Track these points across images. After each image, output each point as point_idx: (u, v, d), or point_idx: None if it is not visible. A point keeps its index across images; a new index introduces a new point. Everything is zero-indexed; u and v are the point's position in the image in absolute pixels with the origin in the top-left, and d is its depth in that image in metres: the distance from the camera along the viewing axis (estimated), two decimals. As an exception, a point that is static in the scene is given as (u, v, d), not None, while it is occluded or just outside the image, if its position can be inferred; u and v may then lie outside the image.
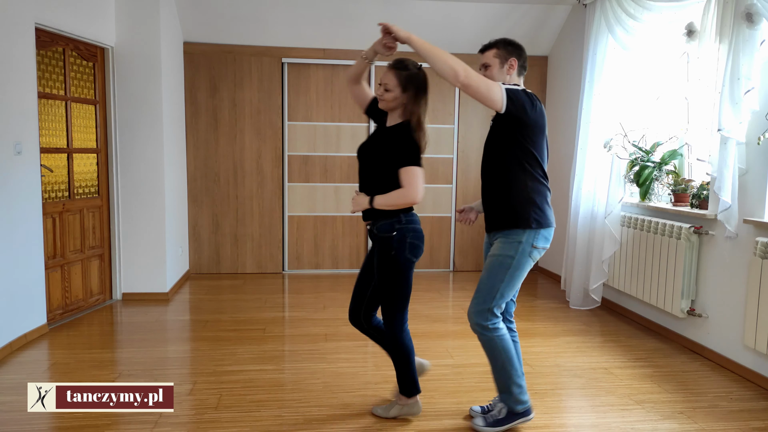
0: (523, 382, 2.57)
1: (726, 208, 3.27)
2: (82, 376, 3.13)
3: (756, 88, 3.09)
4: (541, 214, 2.46)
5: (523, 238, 2.45)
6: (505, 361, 2.51)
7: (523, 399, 2.55)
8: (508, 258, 2.47)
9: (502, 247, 2.49)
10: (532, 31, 5.57)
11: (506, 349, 2.50)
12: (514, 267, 2.47)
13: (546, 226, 2.48)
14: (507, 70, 2.53)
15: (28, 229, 3.69)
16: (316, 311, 4.46)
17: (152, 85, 4.60)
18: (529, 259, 2.49)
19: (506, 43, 2.54)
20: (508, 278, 2.48)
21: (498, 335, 2.49)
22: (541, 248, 2.50)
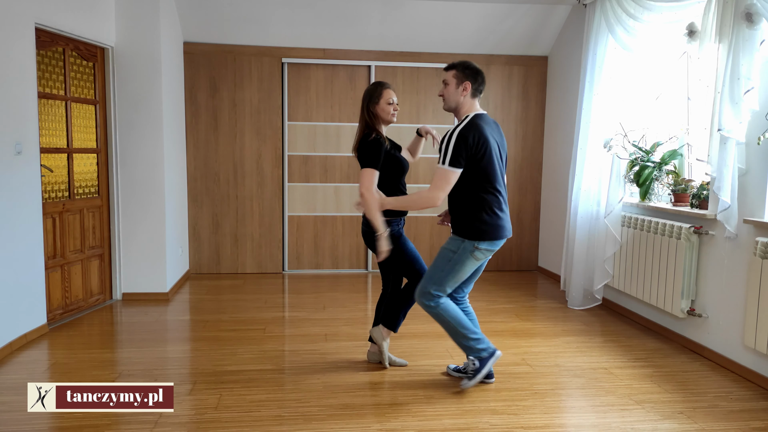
0: (479, 335, 2.97)
1: (725, 208, 3.27)
2: (82, 376, 3.14)
3: (756, 88, 3.09)
4: (486, 226, 2.80)
5: (466, 241, 2.84)
6: (455, 326, 2.92)
7: (483, 347, 2.97)
8: (451, 252, 2.86)
9: (450, 241, 2.90)
10: (532, 31, 5.57)
11: (452, 315, 2.91)
12: (454, 261, 2.84)
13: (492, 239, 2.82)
14: (461, 92, 2.86)
15: (28, 229, 3.69)
16: (316, 311, 4.47)
17: (152, 85, 4.60)
18: (471, 258, 2.84)
19: (464, 67, 2.86)
20: (449, 269, 2.85)
21: (441, 308, 2.90)
22: (485, 250, 2.84)
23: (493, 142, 2.81)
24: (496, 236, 2.83)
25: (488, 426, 2.62)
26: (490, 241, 2.83)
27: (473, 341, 2.95)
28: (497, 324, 4.18)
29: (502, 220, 2.85)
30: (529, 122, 5.96)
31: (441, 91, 2.93)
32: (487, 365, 2.96)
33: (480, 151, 2.74)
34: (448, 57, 5.68)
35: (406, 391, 2.98)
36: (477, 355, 2.97)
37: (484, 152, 2.75)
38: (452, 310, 2.92)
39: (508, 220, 2.90)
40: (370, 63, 5.66)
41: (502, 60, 5.82)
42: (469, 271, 2.90)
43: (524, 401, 2.88)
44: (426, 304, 2.91)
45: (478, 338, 2.96)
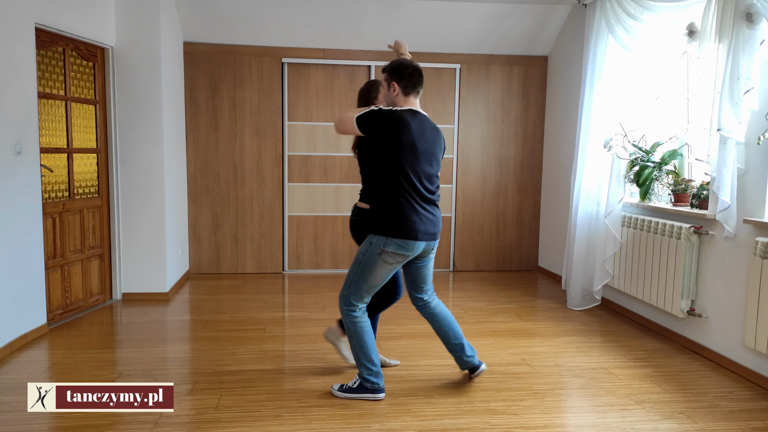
0: (375, 366, 2.86)
1: (725, 208, 3.27)
2: (82, 376, 3.14)
3: (756, 88, 3.08)
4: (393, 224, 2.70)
5: (374, 240, 2.75)
6: (356, 344, 2.86)
7: (372, 379, 2.85)
8: (360, 254, 2.80)
9: (363, 242, 2.83)
10: (532, 31, 5.57)
11: (358, 333, 2.83)
12: (364, 264, 2.77)
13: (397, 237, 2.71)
14: (393, 93, 2.80)
15: (28, 229, 3.69)
16: (316, 311, 4.47)
17: (152, 85, 4.60)
18: (379, 261, 2.74)
19: (390, 70, 2.80)
20: (359, 273, 2.79)
21: (352, 321, 2.84)
22: (393, 253, 2.73)
23: (416, 139, 2.68)
24: (403, 235, 2.68)
25: (488, 426, 2.62)
26: (395, 242, 2.69)
27: (365, 369, 2.85)
28: (497, 324, 4.18)
29: (410, 221, 2.69)
30: (529, 122, 5.96)
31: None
32: (361, 395, 2.85)
33: (391, 138, 2.65)
34: (448, 57, 5.68)
35: (406, 391, 2.97)
36: (363, 380, 2.85)
37: (397, 142, 2.65)
38: (361, 329, 2.83)
39: (426, 223, 2.74)
40: (370, 63, 5.66)
41: (502, 60, 5.82)
42: (383, 276, 2.77)
43: (524, 401, 2.88)
44: (342, 309, 2.86)
45: (371, 369, 2.85)
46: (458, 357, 3.06)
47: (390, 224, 2.70)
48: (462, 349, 3.03)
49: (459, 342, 3.03)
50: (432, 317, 3.03)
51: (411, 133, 2.68)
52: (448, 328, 3.02)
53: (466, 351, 3.04)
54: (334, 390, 2.92)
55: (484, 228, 6.01)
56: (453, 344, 3.03)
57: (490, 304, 4.71)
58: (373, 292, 2.86)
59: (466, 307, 4.61)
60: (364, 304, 2.87)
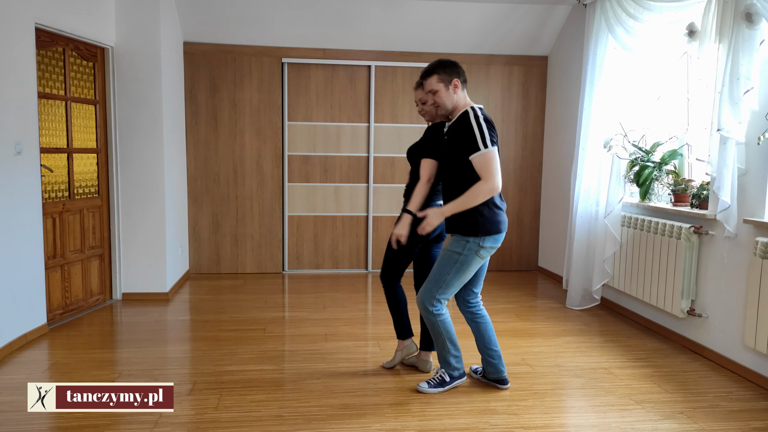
0: (460, 355, 3.00)
1: (725, 208, 3.27)
2: (82, 376, 3.14)
3: (755, 88, 3.08)
4: (489, 222, 2.74)
5: (470, 240, 2.76)
6: (446, 340, 2.93)
7: (458, 366, 2.98)
8: (456, 254, 2.79)
9: (453, 242, 2.82)
10: (532, 31, 5.57)
11: (447, 329, 2.91)
12: (461, 262, 2.78)
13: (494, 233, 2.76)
14: (453, 90, 2.78)
15: (28, 229, 3.69)
16: (316, 311, 4.47)
17: (152, 85, 4.60)
18: (476, 257, 2.78)
19: (444, 66, 2.79)
20: (455, 271, 2.80)
21: (442, 318, 2.89)
22: (489, 247, 2.78)
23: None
24: (498, 230, 2.77)
25: (488, 426, 2.62)
26: (493, 236, 2.76)
27: (453, 357, 2.96)
28: (497, 324, 4.17)
29: (501, 214, 2.80)
30: (529, 122, 5.96)
31: (430, 103, 2.84)
32: (452, 384, 2.98)
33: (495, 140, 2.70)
34: (448, 57, 5.66)
35: (406, 391, 2.98)
36: (449, 371, 2.98)
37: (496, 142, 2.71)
38: (449, 324, 2.92)
39: (504, 214, 2.86)
40: (370, 63, 5.66)
41: (502, 60, 5.82)
42: (474, 270, 2.84)
43: (524, 401, 2.88)
44: (429, 310, 2.86)
45: (457, 355, 2.98)
46: (494, 364, 3.02)
47: (485, 224, 2.73)
48: (499, 357, 3.03)
49: (497, 349, 3.03)
50: (479, 317, 3.02)
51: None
52: (490, 332, 3.03)
53: (502, 360, 3.04)
54: (423, 389, 2.95)
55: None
56: (492, 350, 3.01)
57: (490, 304, 4.70)
58: (459, 288, 2.88)
59: (466, 307, 4.61)
60: (449, 300, 2.91)
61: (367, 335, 3.90)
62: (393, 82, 5.74)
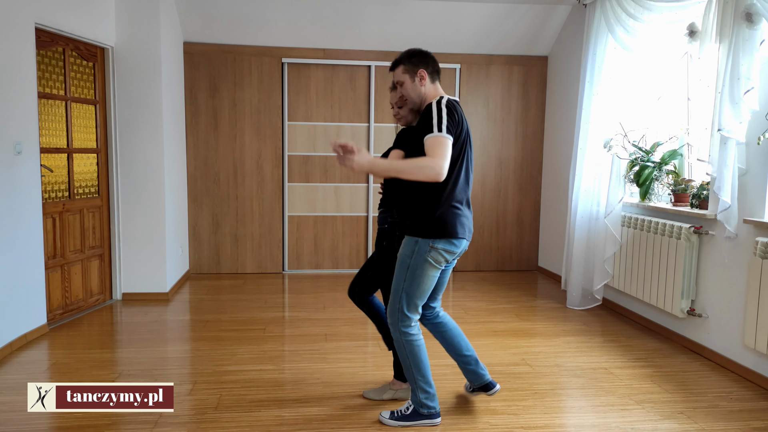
0: (432, 388, 2.60)
1: (726, 208, 3.27)
2: (82, 376, 3.14)
3: (756, 88, 3.08)
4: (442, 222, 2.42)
5: (420, 240, 2.44)
6: (413, 365, 2.56)
7: (429, 404, 2.60)
8: (407, 257, 2.47)
9: (404, 245, 2.51)
10: (532, 31, 5.57)
11: (415, 353, 2.53)
12: (413, 267, 2.45)
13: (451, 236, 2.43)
14: (420, 82, 2.52)
15: (28, 229, 3.69)
16: (316, 311, 4.47)
17: (152, 85, 4.60)
18: (428, 262, 2.43)
19: (411, 56, 2.53)
20: (410, 279, 2.47)
21: (408, 339, 2.53)
22: (442, 250, 2.43)
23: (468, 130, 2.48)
24: (455, 234, 2.42)
25: (488, 426, 2.62)
26: (447, 240, 2.42)
27: (422, 393, 2.59)
28: (497, 324, 4.17)
29: (462, 217, 2.46)
30: (529, 122, 5.96)
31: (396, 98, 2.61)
32: (418, 423, 2.59)
33: (461, 132, 2.40)
34: (448, 57, 5.68)
35: (406, 391, 2.97)
36: (416, 405, 2.60)
37: (460, 134, 2.40)
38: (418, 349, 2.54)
39: (468, 219, 2.51)
40: (370, 63, 5.66)
41: (502, 60, 5.82)
42: (434, 278, 2.48)
43: (524, 401, 2.88)
44: (396, 327, 2.52)
45: (428, 392, 2.60)
46: (472, 370, 2.76)
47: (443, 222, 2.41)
48: (476, 361, 2.76)
49: (471, 354, 2.76)
50: (441, 326, 2.75)
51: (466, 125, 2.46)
52: (459, 338, 2.75)
53: (480, 363, 2.78)
54: (384, 419, 2.62)
55: (484, 228, 6.01)
56: (465, 356, 2.75)
57: (490, 304, 4.71)
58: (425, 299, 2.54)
59: (466, 307, 4.61)
60: (417, 315, 2.56)
61: (367, 335, 3.90)
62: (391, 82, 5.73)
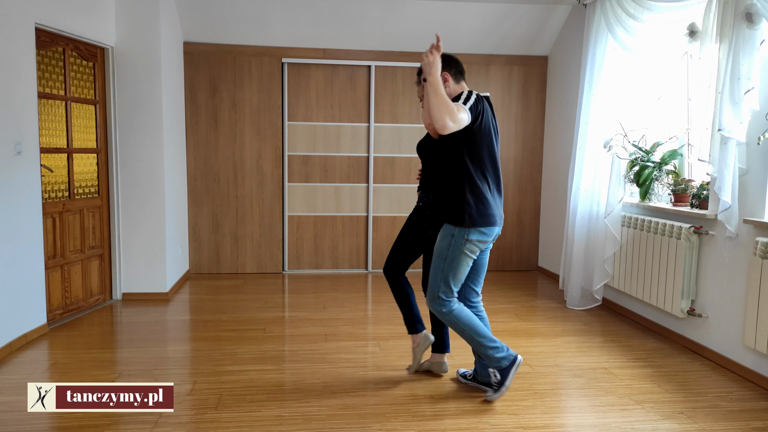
0: (497, 342, 2.81)
1: (726, 208, 3.27)
2: (82, 376, 3.14)
3: (756, 88, 3.08)
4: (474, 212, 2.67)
5: (455, 232, 2.70)
6: (471, 333, 2.79)
7: (503, 355, 2.80)
8: (444, 248, 2.73)
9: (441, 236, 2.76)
10: (532, 31, 5.57)
11: (466, 322, 2.78)
12: (450, 257, 2.72)
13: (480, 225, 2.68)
14: (443, 84, 2.67)
15: (28, 229, 3.69)
16: (316, 311, 4.47)
17: (152, 85, 4.60)
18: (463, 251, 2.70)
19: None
20: (447, 267, 2.73)
21: (455, 314, 2.77)
22: (476, 241, 2.70)
23: (491, 123, 2.71)
24: (486, 223, 2.68)
25: (488, 426, 2.62)
26: (479, 230, 2.68)
27: (491, 350, 2.78)
28: (497, 324, 4.17)
29: (491, 207, 2.71)
30: (529, 122, 5.96)
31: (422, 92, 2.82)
32: (510, 375, 2.80)
33: (479, 123, 2.63)
34: (448, 57, 5.67)
35: (406, 392, 2.97)
36: (497, 365, 2.80)
37: (482, 126, 2.64)
38: (466, 316, 2.78)
39: (499, 207, 2.77)
40: (370, 63, 5.66)
41: (502, 60, 5.82)
42: (468, 266, 2.76)
43: (524, 401, 2.88)
44: (438, 311, 2.78)
45: (496, 346, 2.79)
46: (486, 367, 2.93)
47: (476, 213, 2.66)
48: None
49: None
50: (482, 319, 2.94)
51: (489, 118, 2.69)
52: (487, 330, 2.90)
53: None
54: (490, 396, 2.83)
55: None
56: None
57: (490, 304, 4.71)
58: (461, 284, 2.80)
59: (466, 307, 4.60)
60: (455, 296, 2.79)
61: (367, 335, 3.90)
62: (393, 82, 5.74)
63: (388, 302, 3.64)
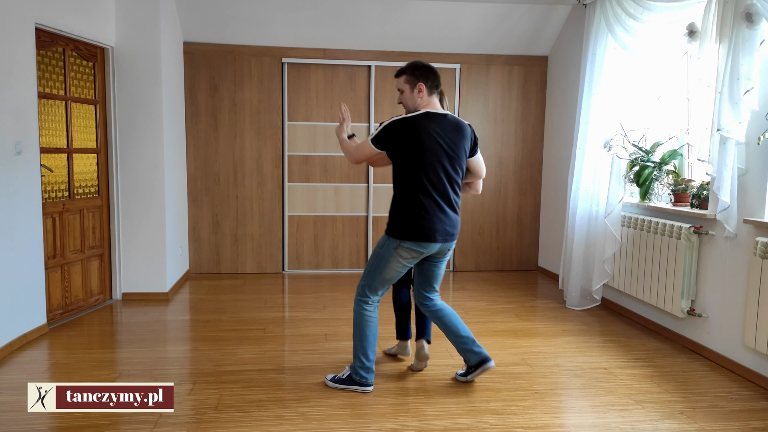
0: (369, 362, 2.94)
1: (725, 208, 3.27)
2: (82, 376, 3.14)
3: (755, 88, 3.08)
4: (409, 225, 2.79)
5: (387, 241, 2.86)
6: (358, 336, 2.95)
7: (363, 373, 2.93)
8: (378, 248, 2.90)
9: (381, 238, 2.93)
10: (532, 31, 5.57)
11: (363, 327, 2.93)
12: (380, 257, 2.87)
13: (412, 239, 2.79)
14: (417, 94, 2.84)
15: (28, 229, 3.69)
16: (316, 311, 4.47)
17: (152, 85, 4.60)
18: (395, 256, 2.83)
19: (414, 68, 2.85)
20: (375, 267, 2.89)
21: (367, 316, 2.93)
22: (410, 249, 2.81)
23: (433, 141, 2.75)
24: (419, 237, 2.77)
25: (488, 426, 2.62)
26: (413, 242, 2.79)
27: (359, 361, 2.94)
28: (497, 324, 4.18)
29: (430, 221, 2.77)
30: (529, 122, 5.96)
31: (399, 99, 2.92)
32: (349, 387, 2.95)
33: (409, 145, 2.74)
34: (448, 57, 5.69)
35: (406, 391, 2.98)
36: (354, 371, 2.95)
37: (414, 147, 2.74)
38: (368, 324, 2.93)
39: (441, 222, 2.80)
40: (370, 63, 5.66)
41: (502, 60, 5.82)
42: (397, 271, 2.87)
43: (524, 401, 2.88)
44: (359, 303, 2.94)
45: (365, 364, 2.93)
46: (469, 350, 3.01)
47: (404, 226, 2.79)
48: (472, 341, 3.01)
49: (468, 335, 3.01)
50: (439, 312, 3.04)
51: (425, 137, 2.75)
52: (456, 321, 3.03)
53: (476, 342, 3.03)
54: (327, 380, 3.02)
55: (484, 228, 6.01)
56: (463, 337, 3.01)
57: (490, 304, 4.71)
58: (387, 287, 2.96)
59: (466, 307, 4.61)
60: (377, 297, 2.95)
61: (367, 335, 3.90)
62: (393, 82, 5.73)
63: (389, 302, 3.63)
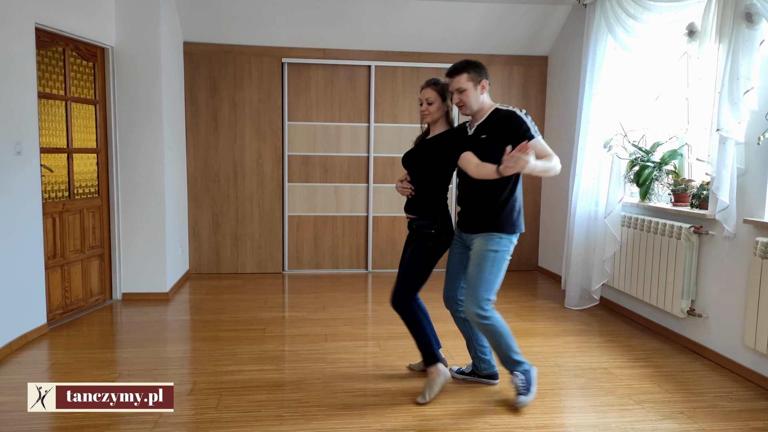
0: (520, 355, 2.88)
1: (724, 208, 3.27)
2: (82, 376, 3.14)
3: (755, 88, 3.08)
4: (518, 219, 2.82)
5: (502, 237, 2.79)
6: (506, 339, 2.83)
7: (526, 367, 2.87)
8: (493, 252, 2.78)
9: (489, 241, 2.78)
10: (532, 31, 5.57)
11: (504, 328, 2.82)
12: (499, 260, 2.78)
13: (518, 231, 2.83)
14: (481, 92, 2.80)
15: (28, 229, 3.69)
16: (316, 311, 4.47)
17: (152, 85, 4.60)
18: (508, 254, 2.81)
19: (475, 66, 2.78)
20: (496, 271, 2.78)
21: (496, 319, 2.79)
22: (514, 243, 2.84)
23: None
24: (521, 227, 2.83)
25: (488, 426, 2.62)
26: (516, 234, 2.82)
27: (517, 354, 2.86)
28: (497, 324, 4.17)
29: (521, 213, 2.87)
30: (529, 122, 5.95)
31: (457, 100, 2.80)
32: (533, 377, 2.87)
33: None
34: (448, 57, 5.68)
35: (406, 392, 2.98)
36: (521, 369, 2.85)
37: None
38: (503, 322, 2.83)
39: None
40: (370, 63, 5.66)
41: (502, 60, 5.82)
42: (506, 267, 2.83)
43: (524, 401, 2.88)
44: (483, 315, 2.75)
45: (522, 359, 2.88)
46: (488, 360, 3.06)
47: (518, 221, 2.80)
48: (491, 351, 3.04)
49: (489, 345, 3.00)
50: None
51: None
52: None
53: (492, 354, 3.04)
54: (521, 400, 2.79)
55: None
56: (486, 346, 3.04)
57: (490, 304, 4.71)
58: None
59: (466, 307, 4.60)
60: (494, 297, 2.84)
61: (367, 335, 3.90)
62: (393, 82, 5.74)
63: (388, 302, 3.63)
